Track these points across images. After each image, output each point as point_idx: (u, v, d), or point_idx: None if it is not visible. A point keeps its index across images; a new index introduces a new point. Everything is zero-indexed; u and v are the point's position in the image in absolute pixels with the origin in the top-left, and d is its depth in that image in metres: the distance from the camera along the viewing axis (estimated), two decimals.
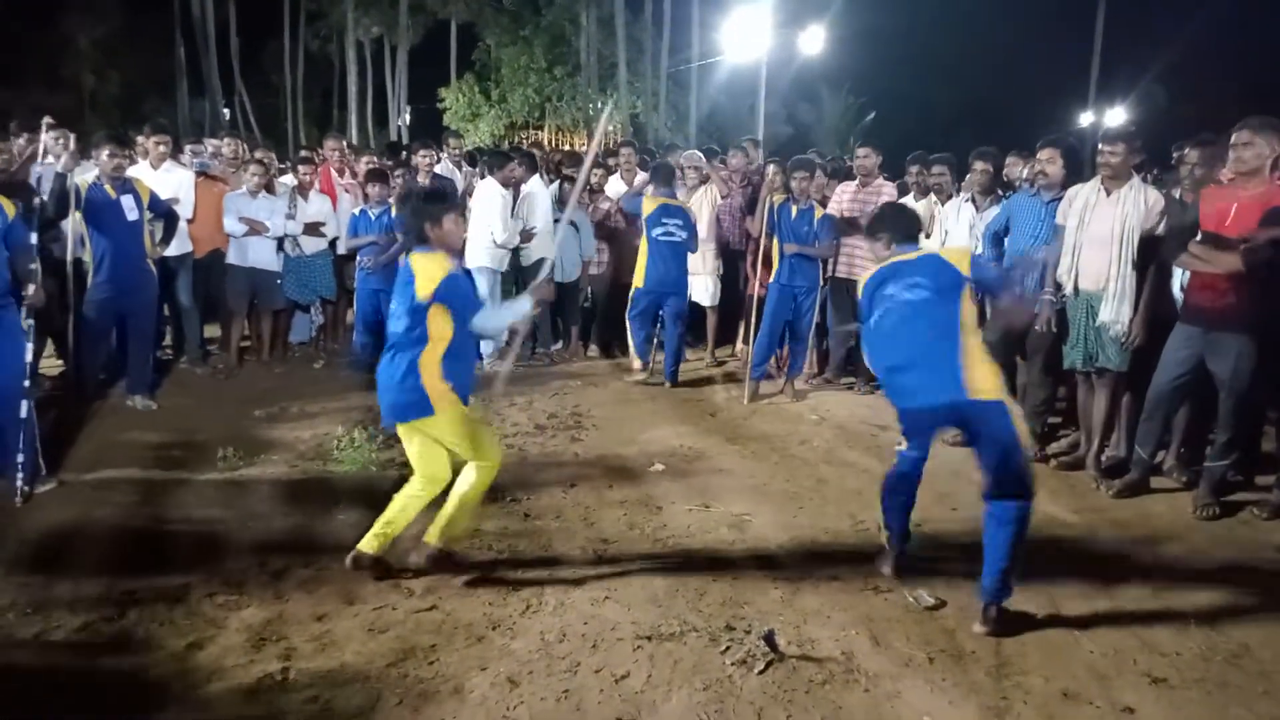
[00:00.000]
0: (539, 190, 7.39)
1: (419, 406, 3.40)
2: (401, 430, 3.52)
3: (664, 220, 6.65)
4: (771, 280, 6.48)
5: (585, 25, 26.88)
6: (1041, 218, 5.09)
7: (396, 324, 3.46)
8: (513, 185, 7.15)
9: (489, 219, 6.95)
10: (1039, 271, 4.88)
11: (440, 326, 3.39)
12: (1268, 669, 3.06)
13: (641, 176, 7.69)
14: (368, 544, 3.51)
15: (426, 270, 3.37)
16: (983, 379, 3.22)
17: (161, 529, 4.04)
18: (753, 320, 6.69)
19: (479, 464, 3.53)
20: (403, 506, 3.56)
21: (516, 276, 7.48)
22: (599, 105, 26.60)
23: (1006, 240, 5.30)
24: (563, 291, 7.71)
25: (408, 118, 31.76)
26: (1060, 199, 5.01)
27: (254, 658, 3.00)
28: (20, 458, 4.21)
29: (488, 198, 7.01)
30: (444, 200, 3.58)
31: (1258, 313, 4.18)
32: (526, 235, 7.20)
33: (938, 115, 30.19)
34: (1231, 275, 4.18)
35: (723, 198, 7.47)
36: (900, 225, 3.66)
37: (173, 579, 3.50)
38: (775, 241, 6.48)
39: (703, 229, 7.20)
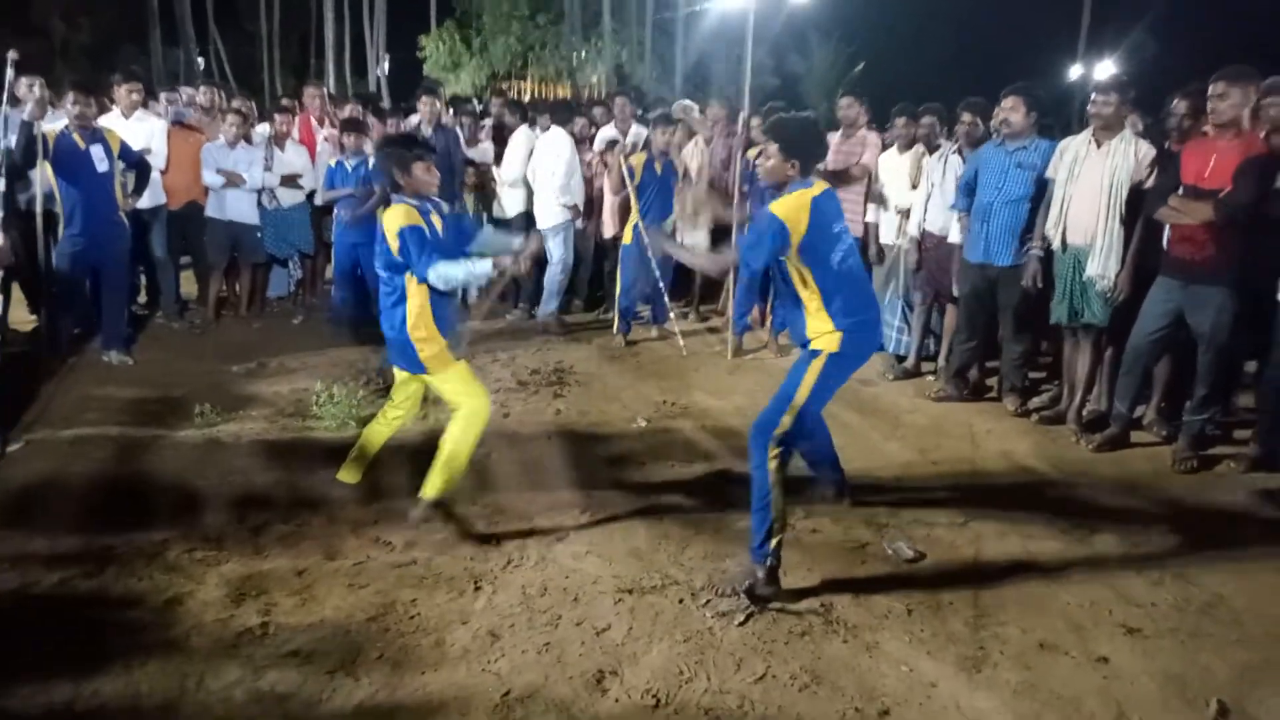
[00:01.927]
0: (525, 140, 7.24)
1: (414, 365, 3.54)
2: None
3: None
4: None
5: None
6: (1004, 168, 5.06)
7: (380, 275, 3.51)
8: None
9: (555, 171, 6.90)
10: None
11: (416, 281, 3.43)
12: (1240, 618, 3.11)
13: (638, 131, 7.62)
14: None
15: (389, 223, 3.38)
16: None
17: (139, 485, 4.00)
18: (732, 276, 6.64)
19: (467, 411, 3.54)
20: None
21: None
22: (582, 55, 26.11)
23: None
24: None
25: (386, 66, 31.09)
26: (1024, 148, 5.01)
27: (234, 612, 2.99)
28: None
29: (557, 148, 6.93)
30: (413, 146, 3.53)
31: (1237, 266, 4.17)
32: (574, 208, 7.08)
33: (928, 65, 29.77)
34: (1211, 228, 4.16)
35: (707, 143, 7.36)
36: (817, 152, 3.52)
37: (151, 535, 3.48)
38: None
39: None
